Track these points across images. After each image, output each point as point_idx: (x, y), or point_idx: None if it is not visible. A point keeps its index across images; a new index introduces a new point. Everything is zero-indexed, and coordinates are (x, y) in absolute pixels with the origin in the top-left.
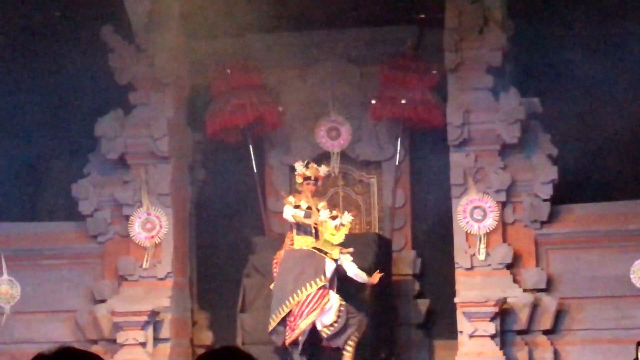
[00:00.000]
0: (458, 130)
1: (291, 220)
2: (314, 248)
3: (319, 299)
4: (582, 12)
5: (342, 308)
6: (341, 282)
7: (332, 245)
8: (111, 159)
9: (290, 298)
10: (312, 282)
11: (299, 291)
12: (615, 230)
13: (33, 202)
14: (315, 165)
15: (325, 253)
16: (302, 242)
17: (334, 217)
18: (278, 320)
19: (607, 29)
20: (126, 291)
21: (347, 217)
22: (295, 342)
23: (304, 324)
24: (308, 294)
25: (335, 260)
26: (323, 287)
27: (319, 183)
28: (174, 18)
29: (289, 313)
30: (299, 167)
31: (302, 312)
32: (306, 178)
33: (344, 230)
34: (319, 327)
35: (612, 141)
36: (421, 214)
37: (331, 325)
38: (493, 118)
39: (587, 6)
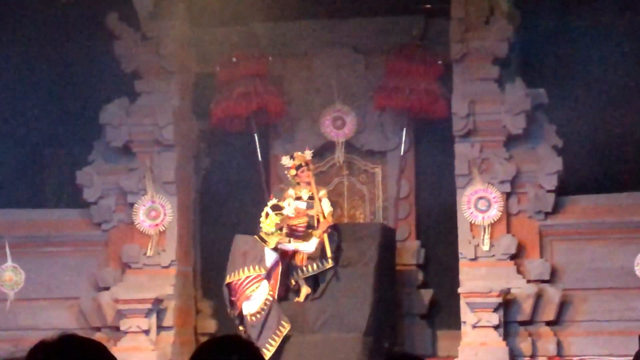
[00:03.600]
0: (463, 121)
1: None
2: (258, 236)
3: (250, 284)
4: (588, 3)
5: (267, 302)
6: (341, 269)
7: (270, 234)
8: (116, 147)
9: (233, 274)
10: (252, 267)
11: (241, 271)
12: (620, 222)
13: (38, 189)
14: (298, 153)
15: (265, 242)
16: None
17: (277, 207)
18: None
19: (613, 20)
20: (130, 279)
21: (289, 208)
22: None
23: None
24: (247, 276)
25: (275, 249)
26: (259, 275)
27: (311, 166)
28: (179, 6)
29: (231, 290)
30: (286, 161)
31: (238, 291)
32: (298, 167)
33: (274, 219)
34: (244, 312)
35: (617, 133)
36: (425, 204)
37: (254, 315)
38: (498, 109)
39: None
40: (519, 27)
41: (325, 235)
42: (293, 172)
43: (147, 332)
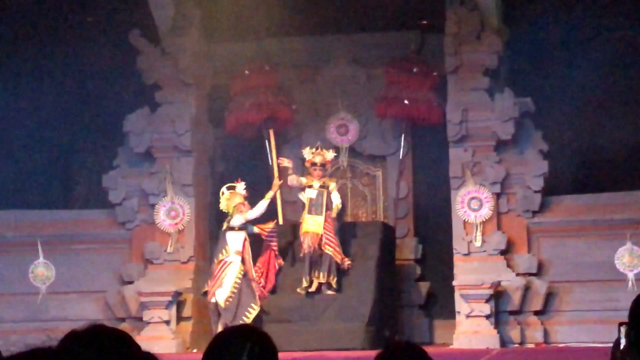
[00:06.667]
0: (457, 128)
1: (294, 184)
2: (227, 227)
3: (219, 272)
4: (570, 20)
5: (237, 285)
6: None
7: (225, 211)
8: (138, 153)
9: (213, 265)
10: (219, 254)
11: (215, 259)
12: (601, 219)
13: (68, 191)
14: (323, 151)
15: (233, 229)
16: (311, 222)
17: (231, 187)
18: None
19: (592, 34)
20: (152, 273)
21: (240, 186)
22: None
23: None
24: (218, 261)
25: (244, 230)
26: (223, 260)
27: (327, 168)
28: (196, 23)
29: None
30: (307, 153)
31: (214, 279)
32: (313, 164)
33: (225, 195)
34: (218, 300)
35: (598, 138)
36: (422, 204)
37: (227, 300)
38: (489, 116)
39: (575, 15)
40: (508, 42)
41: (278, 195)
42: (308, 165)
43: (167, 322)
